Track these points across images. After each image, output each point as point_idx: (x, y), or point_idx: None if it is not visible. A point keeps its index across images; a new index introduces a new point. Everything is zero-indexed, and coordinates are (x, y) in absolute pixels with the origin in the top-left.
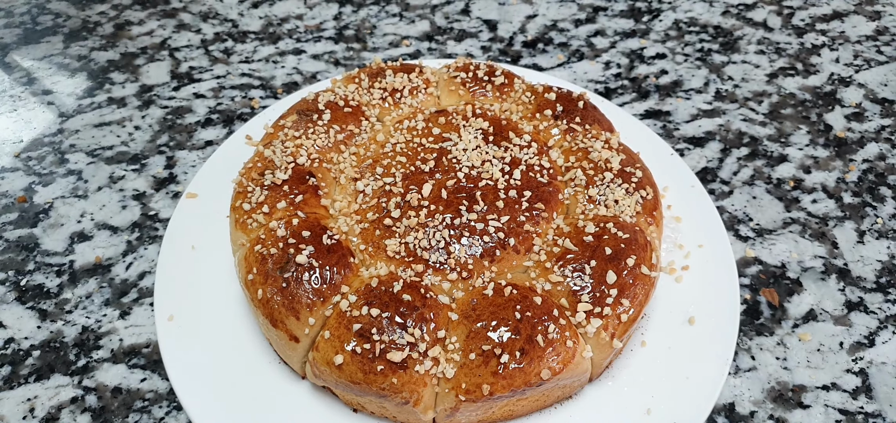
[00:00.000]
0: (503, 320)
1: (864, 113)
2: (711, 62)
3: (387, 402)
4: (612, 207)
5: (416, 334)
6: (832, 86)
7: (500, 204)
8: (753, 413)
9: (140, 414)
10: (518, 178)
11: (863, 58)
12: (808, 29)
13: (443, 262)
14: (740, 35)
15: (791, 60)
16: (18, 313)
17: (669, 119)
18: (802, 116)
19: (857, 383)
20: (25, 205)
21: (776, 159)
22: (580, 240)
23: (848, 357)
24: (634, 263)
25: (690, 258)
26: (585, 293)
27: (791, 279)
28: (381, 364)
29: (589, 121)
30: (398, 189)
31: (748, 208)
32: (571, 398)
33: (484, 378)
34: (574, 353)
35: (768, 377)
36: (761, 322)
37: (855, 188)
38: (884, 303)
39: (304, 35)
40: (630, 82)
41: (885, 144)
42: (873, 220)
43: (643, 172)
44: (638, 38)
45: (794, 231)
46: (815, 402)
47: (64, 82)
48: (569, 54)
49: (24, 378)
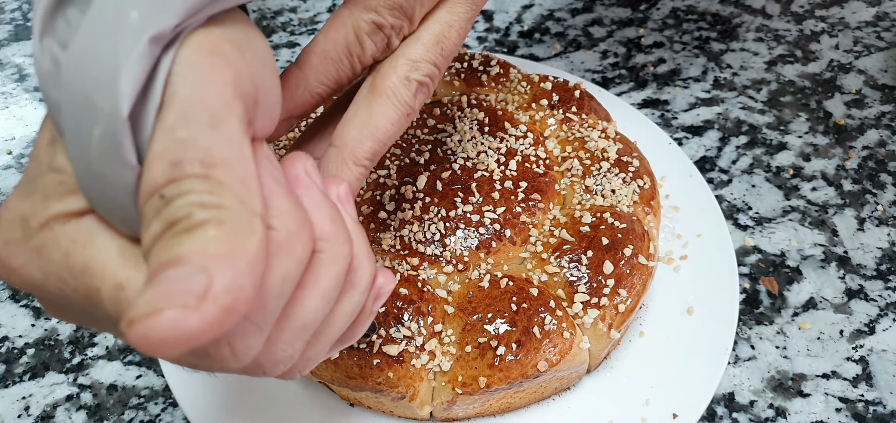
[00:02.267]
0: (499, 313)
1: (864, 99)
2: (710, 50)
3: (383, 397)
4: (609, 196)
5: (412, 327)
6: (832, 73)
7: (495, 195)
8: (753, 402)
9: (135, 411)
10: (514, 168)
11: (863, 44)
12: (808, 15)
13: (438, 255)
14: (739, 22)
15: (790, 47)
16: (12, 312)
17: (667, 108)
18: (802, 104)
19: (857, 371)
20: None
21: (775, 147)
22: (577, 230)
23: (848, 345)
24: (632, 253)
25: (689, 248)
26: (582, 284)
27: (791, 268)
28: (376, 358)
29: (585, 110)
30: (393, 182)
31: (747, 197)
32: (570, 389)
33: (481, 371)
34: (571, 344)
35: (768, 366)
36: (761, 311)
37: (855, 175)
38: (884, 290)
39: (298, 28)
40: (628, 71)
41: (885, 131)
42: (873, 207)
43: (640, 161)
44: (635, 26)
45: (793, 219)
46: (815, 390)
47: None
48: (566, 44)
49: (19, 377)
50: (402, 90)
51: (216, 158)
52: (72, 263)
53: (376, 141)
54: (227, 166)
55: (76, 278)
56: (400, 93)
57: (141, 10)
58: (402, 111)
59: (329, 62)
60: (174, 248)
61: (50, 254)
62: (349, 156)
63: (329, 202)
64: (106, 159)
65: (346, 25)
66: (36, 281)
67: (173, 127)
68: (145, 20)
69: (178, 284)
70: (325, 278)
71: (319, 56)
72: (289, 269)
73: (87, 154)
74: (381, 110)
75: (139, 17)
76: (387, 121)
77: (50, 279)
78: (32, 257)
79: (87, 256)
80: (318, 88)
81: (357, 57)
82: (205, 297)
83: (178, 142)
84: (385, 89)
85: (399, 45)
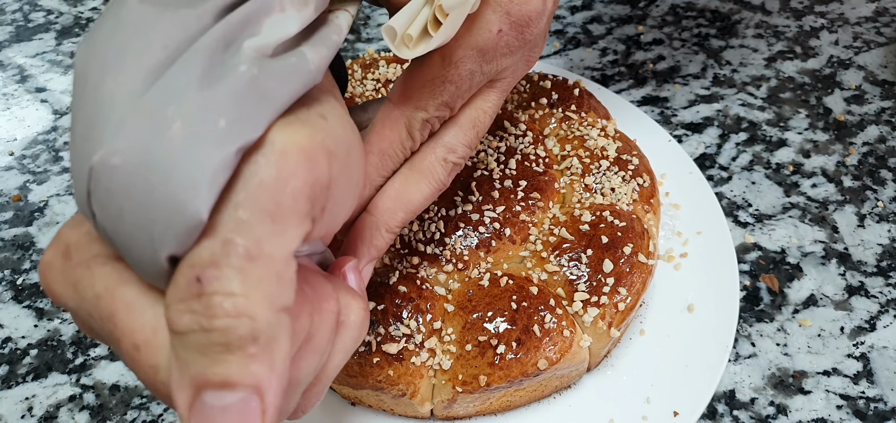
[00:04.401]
0: (499, 311)
1: (863, 95)
2: (709, 47)
3: (384, 395)
4: (609, 195)
5: (412, 325)
6: (831, 69)
7: (495, 194)
8: (754, 400)
9: (138, 411)
10: (513, 167)
11: (862, 40)
12: (807, 11)
13: (438, 254)
14: (738, 19)
15: (790, 44)
16: (15, 313)
17: (667, 105)
18: (802, 100)
19: (858, 367)
20: (20, 203)
21: (775, 144)
22: (576, 229)
23: (849, 342)
24: (631, 251)
25: (689, 245)
26: (582, 282)
27: (791, 265)
28: (377, 357)
29: (585, 108)
30: None
31: (747, 194)
32: (570, 387)
33: (481, 369)
34: (571, 342)
35: (769, 364)
36: (761, 308)
37: (855, 172)
38: (885, 287)
39: None
40: (627, 69)
41: (885, 127)
42: (874, 203)
43: (640, 159)
44: (634, 24)
45: (793, 216)
46: (815, 387)
47: (57, 79)
48: (565, 41)
49: (22, 377)
50: (438, 170)
51: (263, 252)
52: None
53: (408, 212)
54: (269, 263)
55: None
56: (437, 173)
57: (228, 120)
58: (436, 188)
59: (387, 159)
60: (219, 369)
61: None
62: (383, 225)
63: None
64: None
65: (400, 125)
66: (70, 307)
67: (238, 205)
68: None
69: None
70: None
71: (379, 155)
72: (316, 364)
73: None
74: (416, 187)
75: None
76: (420, 196)
77: (81, 311)
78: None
79: (114, 307)
80: (379, 181)
81: (409, 148)
82: (263, 417)
83: (237, 222)
84: (423, 169)
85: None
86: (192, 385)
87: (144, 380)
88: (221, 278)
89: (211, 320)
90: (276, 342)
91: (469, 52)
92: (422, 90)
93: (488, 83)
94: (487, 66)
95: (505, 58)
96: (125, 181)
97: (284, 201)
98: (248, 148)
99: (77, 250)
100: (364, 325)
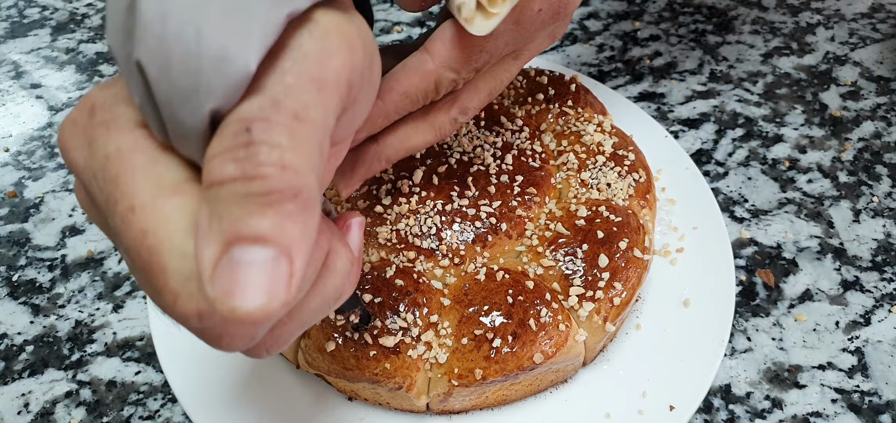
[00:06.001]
0: (495, 305)
1: (859, 91)
2: (706, 43)
3: (380, 388)
4: (605, 190)
5: (408, 318)
6: (827, 65)
7: (491, 189)
8: (749, 394)
9: (134, 407)
10: (510, 162)
11: (858, 36)
12: (803, 8)
13: (435, 248)
14: (734, 15)
15: (786, 40)
16: (11, 309)
17: (663, 101)
18: (797, 96)
19: (853, 362)
20: (16, 200)
21: (771, 140)
22: (572, 224)
23: (844, 336)
24: (627, 246)
25: (685, 241)
26: (577, 277)
27: (787, 260)
28: (373, 350)
29: (581, 104)
30: (389, 176)
31: (743, 189)
32: (566, 381)
33: (476, 363)
34: (567, 337)
35: (764, 358)
36: (757, 303)
37: (850, 167)
38: (879, 282)
39: None
40: (624, 65)
41: (880, 122)
42: (869, 199)
43: (636, 154)
44: (631, 20)
45: (789, 211)
46: (810, 381)
47: (52, 76)
48: (562, 37)
49: (18, 374)
50: (447, 127)
51: (310, 117)
52: (108, 167)
53: (408, 152)
54: (314, 128)
55: (105, 183)
56: (444, 129)
57: None
58: (438, 139)
59: (408, 101)
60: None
61: (96, 150)
62: (384, 156)
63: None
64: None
65: (430, 78)
66: (78, 166)
67: (286, 71)
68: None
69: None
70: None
71: (401, 95)
72: (337, 287)
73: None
74: (423, 136)
75: None
76: (423, 143)
77: (87, 171)
78: (83, 145)
79: (121, 169)
80: (394, 117)
81: (430, 98)
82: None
83: (285, 86)
84: (434, 122)
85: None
86: (223, 239)
87: (130, 243)
88: (271, 130)
89: (257, 167)
90: (311, 209)
91: (509, 25)
92: (459, 53)
93: (512, 53)
94: (519, 39)
95: (537, 32)
96: (177, 29)
97: (327, 76)
98: (295, 17)
99: (102, 108)
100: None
